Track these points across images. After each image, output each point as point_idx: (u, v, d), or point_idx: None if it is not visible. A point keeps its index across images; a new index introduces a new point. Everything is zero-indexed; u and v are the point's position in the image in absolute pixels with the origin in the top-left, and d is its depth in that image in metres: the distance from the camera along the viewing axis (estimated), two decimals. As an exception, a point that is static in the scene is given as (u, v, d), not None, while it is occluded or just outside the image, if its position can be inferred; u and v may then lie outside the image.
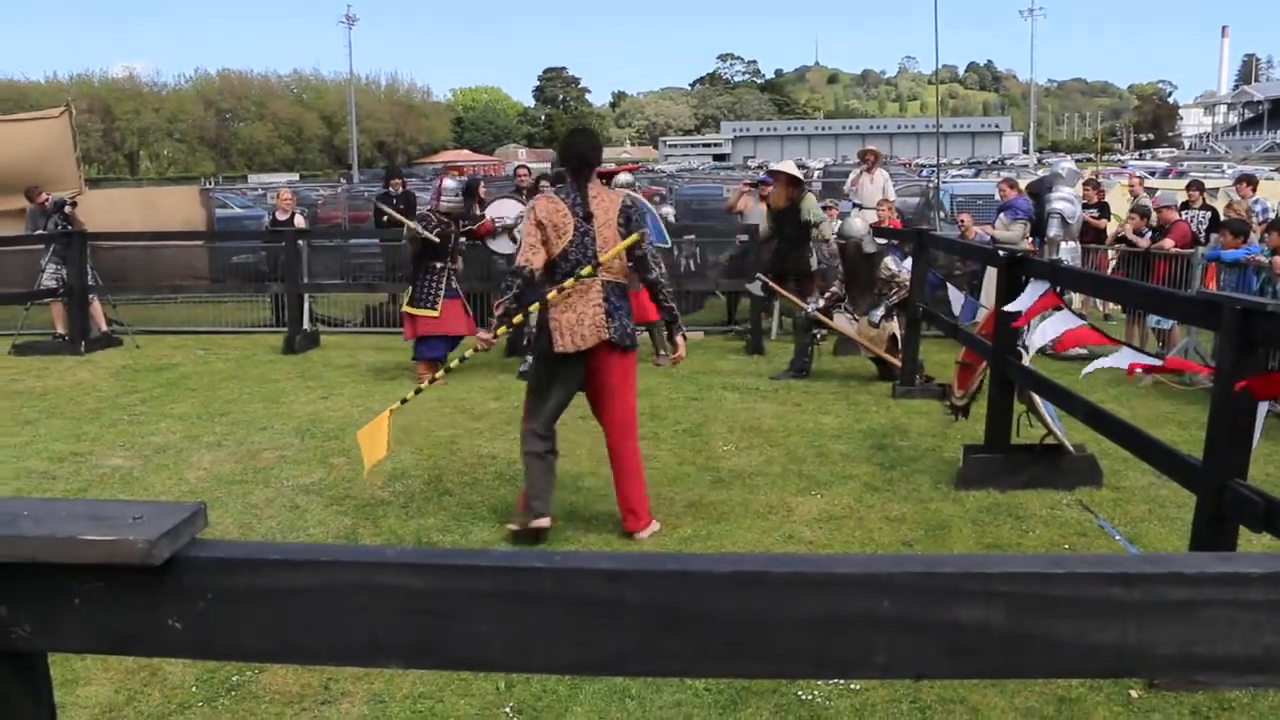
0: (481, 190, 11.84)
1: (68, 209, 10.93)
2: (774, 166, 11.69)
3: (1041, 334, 5.23)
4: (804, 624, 0.94)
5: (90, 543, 1.04)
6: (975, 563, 0.94)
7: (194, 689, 3.62)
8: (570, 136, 5.31)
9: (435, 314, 8.95)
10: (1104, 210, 12.09)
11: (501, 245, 9.91)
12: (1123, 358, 4.36)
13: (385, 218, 12.87)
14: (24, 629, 1.11)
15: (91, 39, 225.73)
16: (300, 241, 11.46)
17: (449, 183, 9.39)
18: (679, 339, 5.31)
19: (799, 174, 11.14)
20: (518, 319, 5.64)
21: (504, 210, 10.20)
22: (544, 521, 5.11)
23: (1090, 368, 4.57)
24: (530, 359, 8.93)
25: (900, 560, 0.94)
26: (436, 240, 8.77)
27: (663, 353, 9.72)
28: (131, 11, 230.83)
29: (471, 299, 10.84)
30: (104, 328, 11.22)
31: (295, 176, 66.87)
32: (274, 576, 1.03)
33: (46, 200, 11.15)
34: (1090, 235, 11.43)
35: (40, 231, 11.04)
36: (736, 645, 0.95)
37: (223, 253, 13.64)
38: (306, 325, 11.28)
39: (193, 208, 15.52)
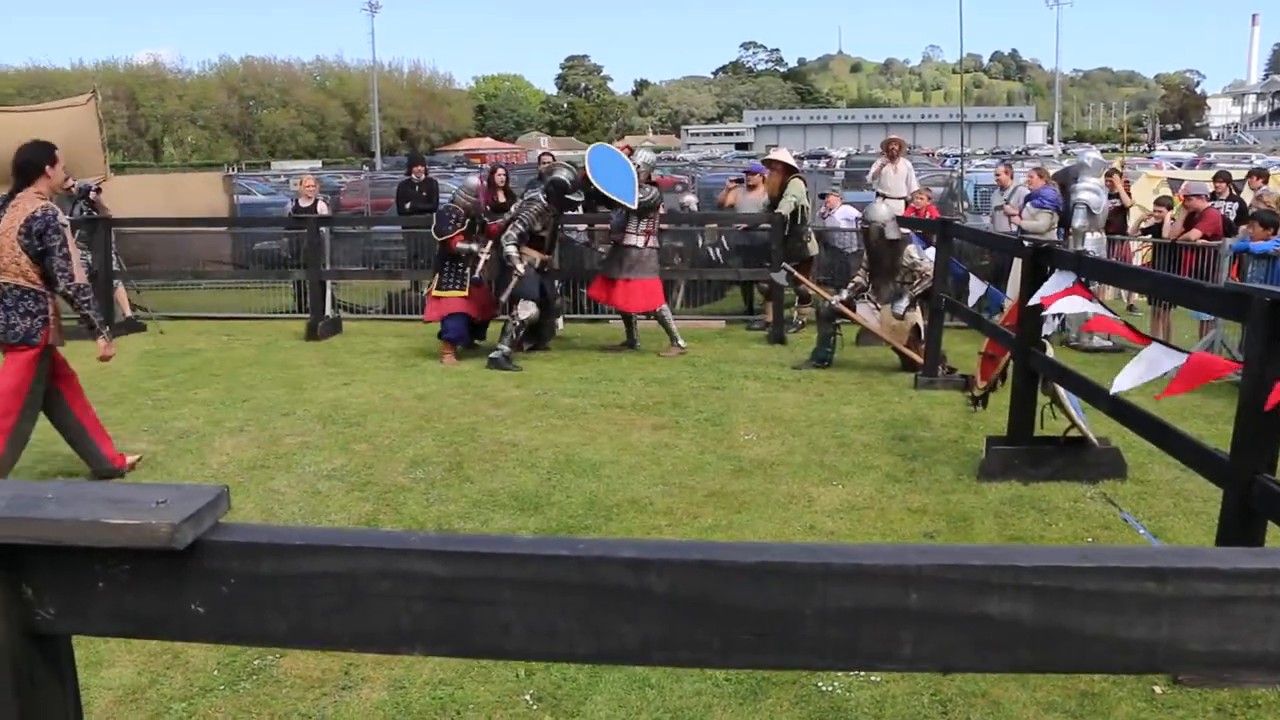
0: (499, 177, 11.93)
1: (92, 195, 10.99)
2: (770, 155, 11.73)
3: (1061, 308, 5.13)
4: (831, 615, 0.92)
5: (114, 526, 1.04)
6: (1005, 555, 0.92)
7: (215, 673, 3.65)
8: (18, 149, 5.70)
9: (464, 293, 9.38)
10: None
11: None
12: (1152, 359, 4.25)
13: (408, 204, 12.96)
14: (48, 611, 1.11)
15: (117, 26, 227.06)
16: (322, 228, 11.48)
17: (473, 181, 9.98)
18: (100, 341, 5.87)
19: (793, 161, 11.26)
20: None
21: None
22: None
23: (1121, 382, 4.43)
24: (504, 346, 9.07)
25: (929, 552, 0.93)
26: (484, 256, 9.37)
27: (680, 343, 9.70)
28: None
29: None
30: (128, 313, 11.30)
31: (318, 163, 67.12)
32: (297, 562, 1.03)
33: (73, 186, 11.20)
34: (1117, 226, 11.35)
35: (66, 217, 11.10)
36: (763, 636, 0.93)
37: (246, 239, 13.68)
38: (329, 312, 11.32)
39: (215, 194, 15.59)
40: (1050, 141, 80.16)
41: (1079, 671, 0.94)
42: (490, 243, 9.49)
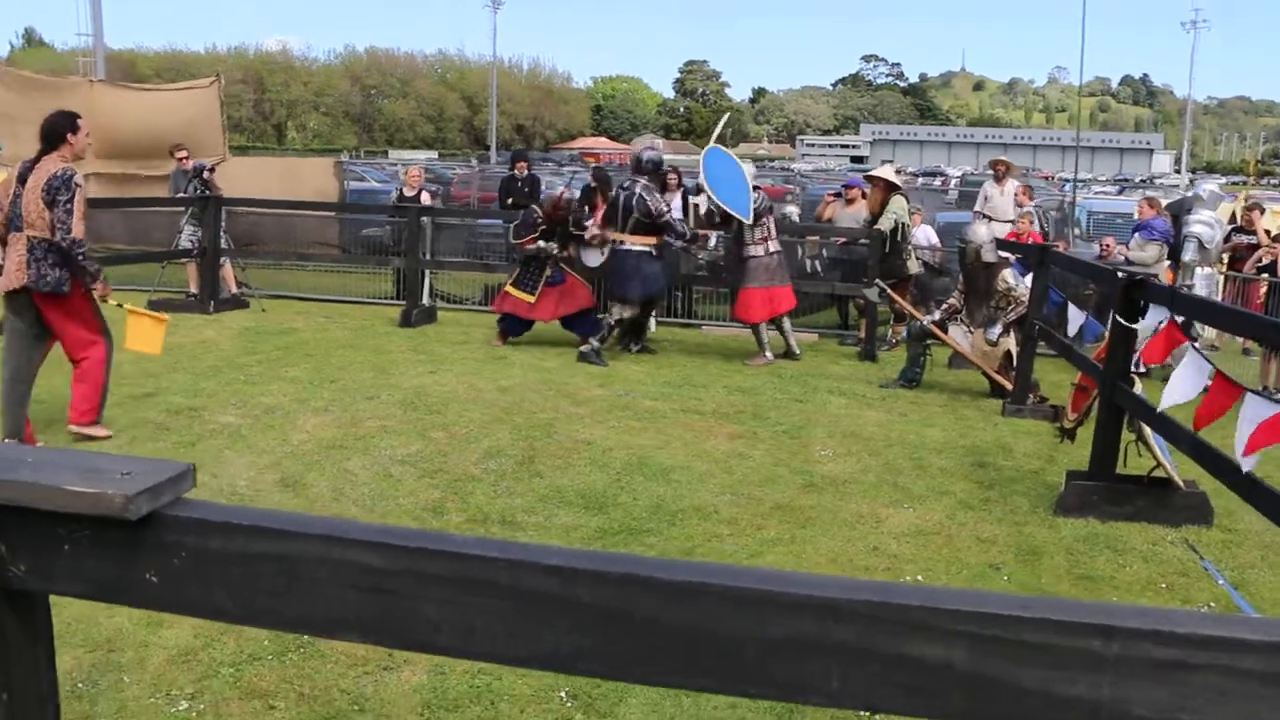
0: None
1: (206, 174, 11.37)
2: (872, 172, 11.56)
3: (1176, 393, 4.78)
4: (752, 641, 0.89)
5: (75, 493, 1.06)
6: (938, 597, 0.87)
7: (266, 642, 3.74)
8: (47, 116, 6.14)
9: (531, 299, 9.74)
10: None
11: (590, 258, 10.17)
12: (1251, 413, 3.98)
13: (510, 200, 13.13)
14: (19, 568, 1.15)
15: (250, 12, 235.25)
16: (423, 218, 11.68)
17: (555, 192, 10.36)
18: (98, 286, 6.14)
19: (896, 179, 11.06)
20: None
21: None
22: None
23: (1245, 454, 4.13)
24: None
25: (858, 587, 0.89)
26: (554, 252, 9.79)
27: (769, 354, 9.63)
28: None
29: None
30: (234, 290, 11.67)
31: (434, 154, 68.35)
32: (244, 541, 1.04)
33: (186, 158, 11.62)
34: (1241, 264, 10.87)
35: (180, 194, 11.53)
36: (686, 656, 0.91)
37: (353, 224, 14.01)
38: (426, 300, 11.51)
39: (326, 179, 16.02)
40: (1177, 171, 77.31)
41: (1015, 725, 0.89)
42: (561, 241, 9.83)
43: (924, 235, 12.16)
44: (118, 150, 13.92)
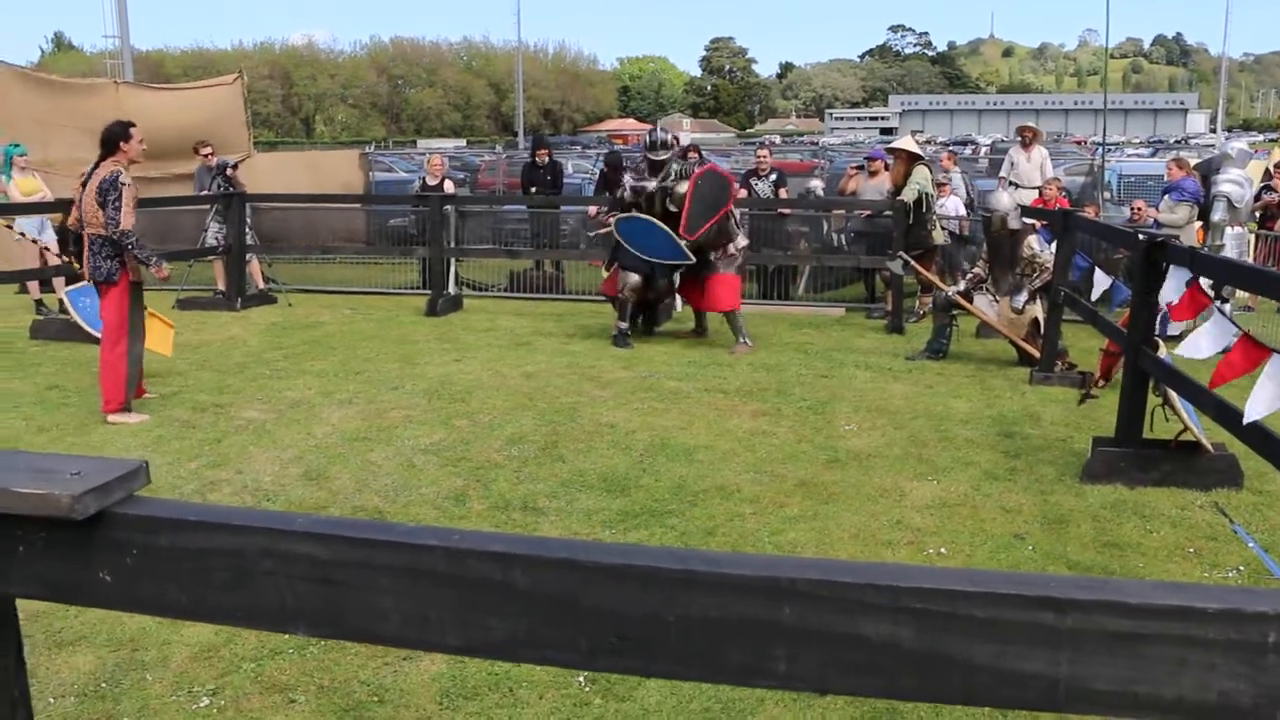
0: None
1: (229, 171, 11.42)
2: (895, 144, 11.42)
3: (1190, 348, 4.69)
4: (697, 625, 0.87)
5: (21, 495, 1.06)
6: (884, 574, 0.84)
7: (286, 636, 3.75)
8: (106, 125, 6.80)
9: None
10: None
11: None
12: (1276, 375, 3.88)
13: (533, 187, 13.10)
14: (-25, 573, 1.14)
15: (274, 7, 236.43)
16: (447, 207, 11.68)
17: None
18: (154, 270, 6.77)
19: (918, 149, 10.90)
20: None
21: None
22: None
23: (1253, 409, 4.03)
24: (622, 324, 9.15)
25: (803, 565, 0.86)
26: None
27: (744, 340, 9.26)
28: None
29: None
30: (261, 286, 11.73)
31: (463, 142, 68.36)
32: (192, 537, 1.03)
33: (211, 155, 11.67)
34: (1273, 222, 10.66)
35: (204, 192, 11.59)
36: (626, 640, 0.89)
37: (380, 216, 14.05)
38: (451, 289, 11.53)
39: (352, 171, 16.07)
40: (1213, 130, 75.88)
41: (969, 703, 0.86)
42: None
43: (954, 206, 12.04)
44: (145, 151, 14.03)
